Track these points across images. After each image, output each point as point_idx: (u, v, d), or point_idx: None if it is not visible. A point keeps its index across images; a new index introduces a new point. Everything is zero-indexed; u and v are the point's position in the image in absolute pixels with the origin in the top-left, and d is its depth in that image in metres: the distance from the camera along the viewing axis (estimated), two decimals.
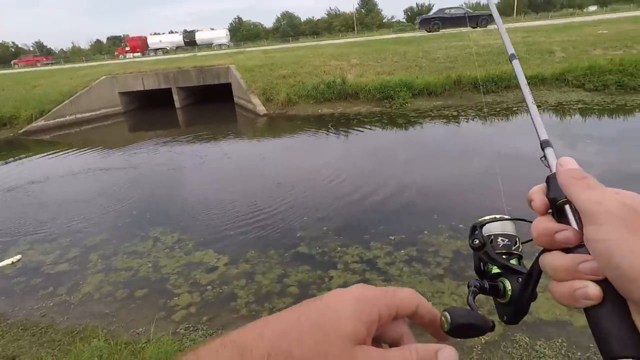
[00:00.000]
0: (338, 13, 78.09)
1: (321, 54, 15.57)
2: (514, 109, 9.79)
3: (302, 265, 3.89)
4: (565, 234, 0.36)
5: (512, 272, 0.46)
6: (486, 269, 0.49)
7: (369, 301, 0.33)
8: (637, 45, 11.76)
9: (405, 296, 0.36)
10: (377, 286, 0.36)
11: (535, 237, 0.39)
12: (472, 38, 15.26)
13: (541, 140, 0.49)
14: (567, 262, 0.35)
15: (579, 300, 0.34)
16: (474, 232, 0.50)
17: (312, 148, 8.91)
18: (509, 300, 0.45)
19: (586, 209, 0.34)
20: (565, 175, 0.38)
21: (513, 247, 0.49)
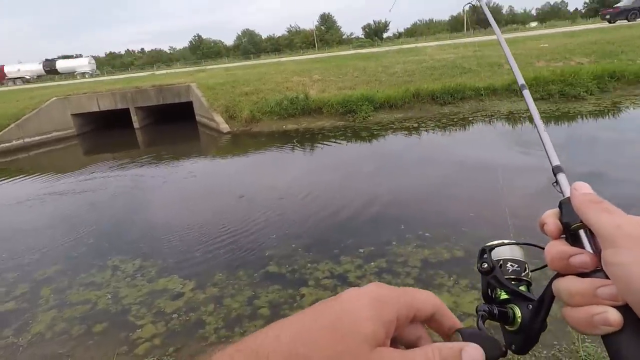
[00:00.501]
0: (299, 30, 79.50)
1: (283, 70, 15.68)
2: (470, 119, 10.26)
3: (272, 285, 3.80)
4: (582, 258, 0.35)
5: (522, 298, 0.45)
6: (494, 295, 0.47)
7: (387, 301, 0.32)
8: (574, 57, 12.76)
9: (424, 298, 0.35)
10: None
11: (549, 260, 0.38)
12: (427, 53, 15.97)
13: (553, 166, 0.49)
14: (585, 287, 0.34)
15: (598, 326, 0.33)
16: (482, 256, 0.49)
17: (278, 164, 8.86)
18: (518, 328, 0.43)
19: (605, 232, 0.33)
20: (582, 200, 0.37)
21: (523, 274, 0.48)
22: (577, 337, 2.74)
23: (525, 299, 0.44)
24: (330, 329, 0.29)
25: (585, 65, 11.71)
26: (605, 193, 0.36)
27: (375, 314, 0.30)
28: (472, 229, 4.53)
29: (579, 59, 12.54)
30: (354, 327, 0.29)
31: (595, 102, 10.25)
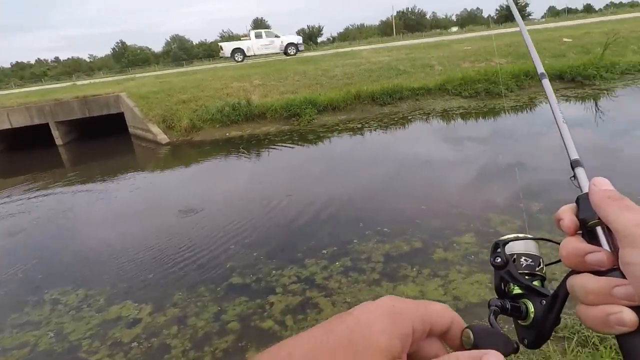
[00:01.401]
0: (232, 35, 77.94)
1: (221, 76, 15.26)
2: (409, 117, 10.79)
3: (238, 297, 3.66)
4: (598, 256, 0.35)
5: (536, 293, 0.44)
6: (507, 289, 0.47)
7: (402, 314, 0.31)
8: (493, 59, 14.00)
9: (440, 310, 0.34)
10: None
11: (564, 256, 0.37)
12: (363, 56, 16.53)
13: (572, 160, 0.47)
14: (601, 285, 0.34)
15: (613, 326, 0.32)
16: (496, 250, 0.48)
17: (225, 173, 8.59)
18: (531, 323, 0.43)
19: (625, 230, 0.33)
20: (601, 196, 0.36)
21: (537, 268, 0.47)
22: None
23: (538, 294, 0.44)
24: (344, 345, 0.28)
25: (504, 65, 12.91)
26: (522, 179, 0.37)
27: (390, 327, 0.30)
28: (425, 221, 4.75)
29: (498, 60, 13.78)
30: (368, 342, 0.28)
31: (515, 98, 11.34)
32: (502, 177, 6.03)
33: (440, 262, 3.83)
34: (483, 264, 3.72)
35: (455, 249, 4.03)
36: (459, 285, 3.45)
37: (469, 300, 3.25)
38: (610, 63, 12.04)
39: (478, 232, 4.29)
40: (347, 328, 0.30)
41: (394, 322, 0.30)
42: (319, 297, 3.52)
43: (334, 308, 3.35)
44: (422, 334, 0.32)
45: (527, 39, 0.67)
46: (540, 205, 4.73)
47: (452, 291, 3.38)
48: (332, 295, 3.53)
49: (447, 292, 3.37)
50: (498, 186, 5.67)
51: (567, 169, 0.47)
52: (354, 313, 0.31)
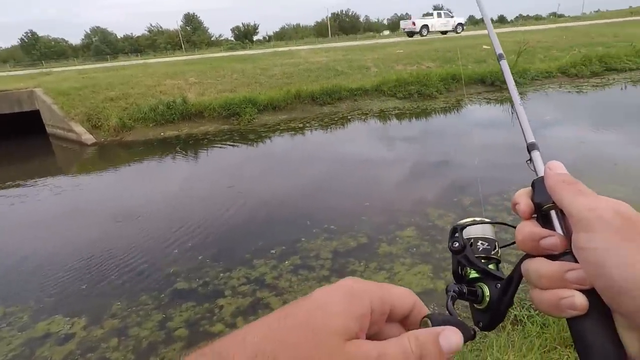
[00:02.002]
0: (161, 30, 73.78)
1: (152, 73, 14.41)
2: (348, 117, 11.10)
3: (185, 303, 3.51)
4: (552, 240, 0.35)
5: (491, 277, 0.45)
6: (464, 273, 0.47)
7: (359, 294, 0.31)
8: (424, 62, 14.93)
9: (401, 293, 0.34)
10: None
11: (519, 241, 0.38)
12: (302, 56, 16.63)
13: (528, 143, 0.47)
14: (554, 270, 0.34)
15: (564, 310, 0.33)
16: (454, 235, 0.48)
17: (162, 174, 8.14)
18: (486, 307, 0.43)
19: (578, 215, 0.33)
20: (556, 180, 0.36)
21: (492, 252, 0.47)
22: None
23: (494, 277, 0.44)
24: (300, 326, 0.28)
25: (434, 69, 13.81)
26: (450, 175, 0.42)
27: (347, 307, 0.29)
28: (370, 217, 4.95)
29: (428, 64, 14.72)
30: (324, 322, 0.28)
31: (444, 99, 12.20)
32: (438, 174, 6.48)
33: (385, 256, 4.02)
34: (424, 255, 3.97)
35: (399, 242, 4.25)
36: (403, 277, 3.65)
37: (412, 290, 3.45)
38: (523, 70, 13.45)
39: (418, 226, 4.57)
40: (304, 310, 0.29)
41: (351, 303, 0.30)
42: (270, 297, 3.51)
43: None
44: (382, 315, 0.32)
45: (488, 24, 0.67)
46: (471, 198, 5.16)
47: (397, 283, 3.57)
48: (283, 294, 3.53)
49: (393, 284, 3.55)
50: (434, 182, 6.09)
51: (492, 165, 0.50)
52: (313, 295, 0.31)
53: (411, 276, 3.66)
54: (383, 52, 16.75)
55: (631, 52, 15.13)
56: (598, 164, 6.11)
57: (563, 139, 7.90)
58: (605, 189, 5.05)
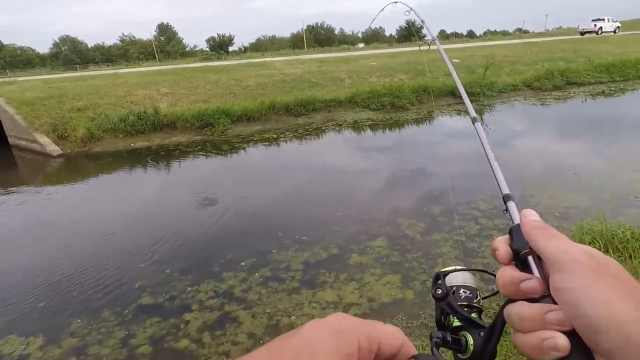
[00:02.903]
0: (134, 40, 72.53)
1: (123, 83, 14.09)
2: (323, 128, 11.19)
3: (149, 319, 3.39)
4: (531, 283, 0.36)
5: (474, 325, 0.45)
6: (447, 321, 0.47)
7: (347, 331, 0.31)
8: (396, 74, 15.29)
9: (389, 331, 0.34)
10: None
11: (500, 285, 0.39)
12: (277, 67, 16.71)
13: (503, 195, 0.50)
14: (534, 312, 0.35)
15: (548, 351, 0.33)
16: (437, 282, 0.49)
17: (130, 186, 7.92)
18: (470, 356, 0.43)
19: (553, 257, 0.35)
20: (531, 226, 0.38)
21: (474, 300, 0.48)
22: None
23: (477, 326, 0.45)
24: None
25: (406, 81, 14.16)
26: (421, 185, 0.44)
27: (334, 345, 0.30)
28: (341, 227, 4.96)
29: (400, 76, 15.08)
30: (315, 357, 0.29)
31: (416, 111, 12.51)
32: (409, 184, 6.60)
33: (356, 266, 4.03)
34: (394, 265, 4.01)
35: (369, 252, 4.28)
36: (373, 287, 3.66)
37: (382, 301, 3.48)
38: (490, 82, 14.00)
39: (389, 236, 4.62)
40: (293, 348, 0.29)
41: (338, 341, 0.30)
42: (238, 311, 3.44)
43: (254, 320, 3.30)
44: (369, 353, 0.32)
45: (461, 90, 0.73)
46: (440, 208, 5.28)
47: (367, 293, 3.58)
48: (252, 307, 3.48)
49: (363, 295, 3.57)
50: (405, 192, 6.19)
51: (461, 175, 0.53)
52: (302, 332, 0.31)
53: (380, 286, 3.69)
54: (357, 64, 17.06)
55: (589, 67, 16.03)
56: (559, 173, 6.39)
57: (528, 149, 8.23)
58: (567, 197, 5.28)
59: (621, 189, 5.42)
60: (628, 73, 16.09)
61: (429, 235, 4.56)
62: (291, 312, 3.39)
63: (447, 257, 4.07)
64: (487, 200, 5.37)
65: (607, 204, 4.84)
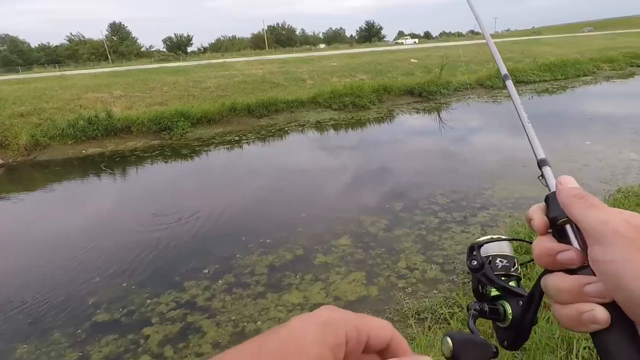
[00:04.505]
0: (83, 39, 68.72)
1: (71, 85, 13.32)
2: (286, 129, 11.13)
3: (105, 336, 3.20)
4: (569, 255, 0.35)
5: (512, 294, 0.44)
6: (485, 291, 0.47)
7: (335, 323, 0.30)
8: (357, 74, 15.52)
9: (378, 324, 0.33)
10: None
11: (536, 257, 0.37)
12: (237, 68, 16.44)
13: (538, 159, 0.47)
14: (572, 284, 0.34)
15: (586, 324, 0.32)
16: (472, 253, 0.48)
17: (82, 196, 7.47)
18: (509, 324, 0.43)
19: (592, 228, 0.33)
20: (567, 194, 0.36)
21: (512, 269, 0.47)
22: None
23: (515, 294, 0.44)
24: (273, 356, 0.28)
25: (367, 81, 14.39)
26: (383, 182, 0.43)
27: (321, 337, 0.29)
28: (306, 228, 4.94)
29: (361, 76, 15.31)
30: (298, 351, 0.28)
31: (377, 110, 12.74)
32: (371, 181, 6.69)
33: (321, 266, 4.03)
34: (358, 262, 4.05)
35: (334, 252, 4.29)
36: (338, 286, 3.68)
37: (348, 299, 3.49)
38: (446, 81, 14.53)
39: (353, 234, 4.66)
40: (280, 340, 0.29)
41: (325, 332, 0.29)
42: (202, 320, 3.33)
43: (219, 329, 3.21)
44: (358, 345, 0.31)
45: (490, 44, 0.69)
46: (402, 204, 5.39)
47: (333, 292, 3.59)
48: (216, 316, 3.38)
49: (329, 294, 3.57)
50: (368, 190, 6.27)
51: (421, 171, 0.51)
52: (290, 324, 0.30)
53: (346, 284, 3.71)
54: (318, 64, 17.14)
55: (535, 66, 17.06)
56: (511, 166, 6.73)
57: (482, 144, 8.62)
58: (518, 188, 5.58)
59: None
60: (568, 72, 17.30)
61: (392, 231, 4.65)
62: (257, 317, 3.33)
63: (409, 251, 4.16)
64: (446, 194, 5.56)
65: None
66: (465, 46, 24.37)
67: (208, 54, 53.88)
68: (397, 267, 3.90)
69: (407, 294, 3.47)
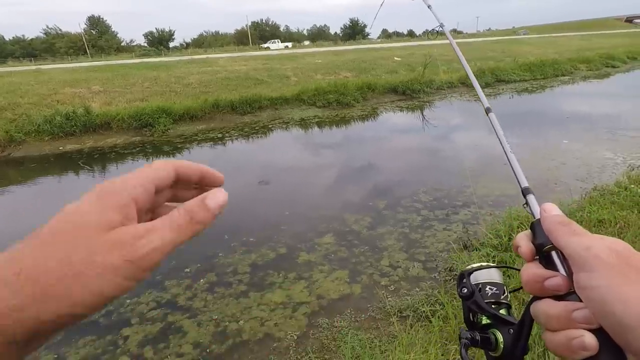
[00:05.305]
0: (60, 33, 66.63)
1: (48, 80, 12.90)
2: (270, 126, 11.05)
3: (83, 338, 3.12)
4: (556, 281, 0.35)
5: (503, 322, 0.44)
6: (476, 320, 0.47)
7: (111, 189, 0.32)
8: (341, 72, 15.52)
9: (158, 167, 0.35)
10: None
11: (524, 283, 0.38)
12: (221, 64, 16.22)
13: (522, 188, 0.47)
14: (560, 310, 0.34)
15: (576, 351, 0.32)
16: (462, 281, 0.48)
17: (59, 194, 7.25)
18: (501, 354, 0.43)
19: (576, 254, 0.34)
20: (551, 222, 0.37)
21: (502, 296, 0.47)
22: None
23: (506, 322, 0.44)
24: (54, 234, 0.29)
25: (351, 79, 14.42)
26: (366, 180, 0.43)
27: (99, 203, 0.30)
28: (289, 226, 4.93)
29: (345, 74, 15.33)
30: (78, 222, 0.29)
31: (361, 107, 12.78)
32: (355, 179, 6.71)
33: (305, 265, 4.02)
34: (341, 261, 4.06)
35: (317, 250, 4.29)
36: (322, 284, 3.68)
37: (331, 297, 3.50)
38: (429, 80, 14.68)
39: (336, 232, 4.67)
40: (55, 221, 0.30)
41: (103, 199, 0.31)
42: (183, 320, 3.28)
43: (200, 328, 3.17)
44: (148, 195, 0.33)
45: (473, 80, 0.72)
46: (385, 202, 5.43)
47: (316, 291, 3.59)
48: (198, 315, 3.34)
49: (312, 293, 3.56)
50: (352, 187, 6.29)
51: (404, 169, 0.50)
52: (63, 208, 0.31)
53: (329, 283, 3.71)
54: (302, 61, 17.07)
55: (515, 66, 17.41)
56: (491, 164, 6.85)
57: (464, 143, 8.75)
58: (498, 186, 5.68)
59: (542, 176, 5.94)
60: (547, 71, 17.73)
61: (375, 229, 4.68)
62: (239, 316, 3.30)
63: (392, 249, 4.19)
64: (429, 192, 5.62)
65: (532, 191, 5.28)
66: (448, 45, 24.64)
67: (190, 50, 53.01)
68: (380, 265, 3.93)
69: (390, 291, 3.50)
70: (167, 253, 0.31)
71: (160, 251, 0.30)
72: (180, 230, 0.31)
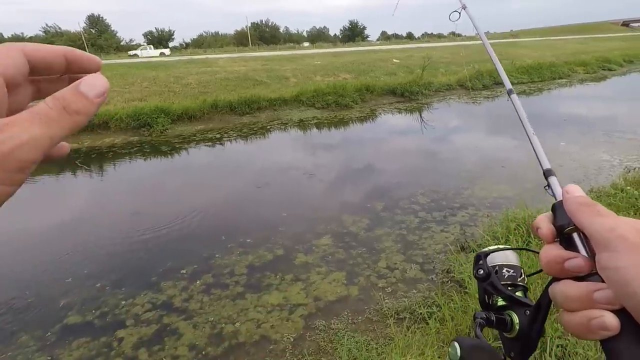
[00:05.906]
0: (60, 31, 66.52)
1: None
2: (268, 127, 11.04)
3: (76, 339, 3.09)
4: (577, 262, 0.35)
5: (519, 304, 0.44)
6: (491, 301, 0.46)
7: None
8: (341, 74, 15.53)
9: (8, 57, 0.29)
10: None
11: (544, 264, 0.37)
12: (220, 65, 16.21)
13: (544, 169, 0.49)
14: (581, 291, 0.34)
15: (596, 331, 0.32)
16: (478, 262, 0.48)
17: (56, 192, 7.22)
18: (516, 335, 0.42)
19: (599, 235, 0.33)
20: (574, 203, 0.37)
21: (519, 279, 0.47)
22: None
23: (522, 304, 0.44)
24: None
25: (350, 80, 14.42)
26: (365, 182, 0.43)
27: None
28: (287, 227, 4.91)
29: (344, 75, 15.34)
30: None
31: (359, 109, 12.78)
32: (353, 181, 6.70)
33: (302, 266, 4.01)
34: (339, 262, 4.04)
35: (315, 251, 4.27)
36: (319, 286, 3.66)
37: (328, 299, 3.48)
38: (428, 82, 14.70)
39: (334, 233, 4.65)
40: None
41: None
42: (178, 322, 3.26)
43: (196, 330, 3.15)
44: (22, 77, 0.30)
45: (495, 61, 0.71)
46: (383, 203, 5.42)
47: (313, 293, 3.57)
48: (193, 317, 3.31)
49: (309, 294, 3.55)
50: (350, 189, 6.28)
51: (403, 171, 0.50)
52: None
53: (326, 285, 3.70)
54: (302, 62, 17.07)
55: (512, 68, 17.46)
56: (489, 166, 6.86)
57: (463, 144, 8.75)
58: (496, 188, 5.69)
59: (539, 178, 5.84)
60: (544, 74, 17.79)
61: (372, 231, 4.67)
62: (235, 318, 3.28)
63: (390, 251, 4.18)
64: (427, 194, 5.62)
65: (529, 193, 5.29)
66: (447, 47, 24.74)
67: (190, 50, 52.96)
68: (377, 266, 3.92)
69: (387, 293, 3.48)
70: (41, 150, 0.27)
71: (30, 147, 0.26)
72: (52, 122, 0.27)
